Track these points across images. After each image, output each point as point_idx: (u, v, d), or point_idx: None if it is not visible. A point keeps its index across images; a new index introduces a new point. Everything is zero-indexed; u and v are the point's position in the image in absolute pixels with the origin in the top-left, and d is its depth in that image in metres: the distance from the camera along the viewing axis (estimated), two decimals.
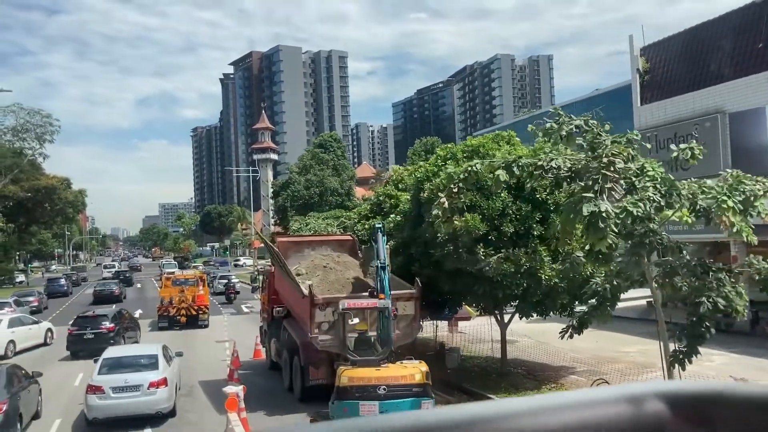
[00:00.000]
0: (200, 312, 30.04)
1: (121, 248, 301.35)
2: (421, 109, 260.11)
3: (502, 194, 13.25)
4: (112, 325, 22.39)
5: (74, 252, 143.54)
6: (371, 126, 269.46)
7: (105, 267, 79.79)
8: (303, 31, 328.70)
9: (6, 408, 12.50)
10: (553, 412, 0.77)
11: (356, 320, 12.13)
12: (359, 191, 74.33)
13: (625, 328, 20.66)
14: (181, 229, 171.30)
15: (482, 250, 13.36)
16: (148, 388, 13.82)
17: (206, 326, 29.96)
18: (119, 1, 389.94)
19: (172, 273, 37.13)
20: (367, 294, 13.45)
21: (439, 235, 13.44)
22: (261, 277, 21.16)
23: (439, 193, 10.83)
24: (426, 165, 16.14)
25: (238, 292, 47.51)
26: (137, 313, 32.83)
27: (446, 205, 10.57)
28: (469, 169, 10.53)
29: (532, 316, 14.82)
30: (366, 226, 18.61)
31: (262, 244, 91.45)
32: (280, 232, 51.46)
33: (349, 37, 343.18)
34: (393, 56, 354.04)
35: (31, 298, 38.19)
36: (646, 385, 0.85)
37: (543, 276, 13.25)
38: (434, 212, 10.83)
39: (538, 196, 13.66)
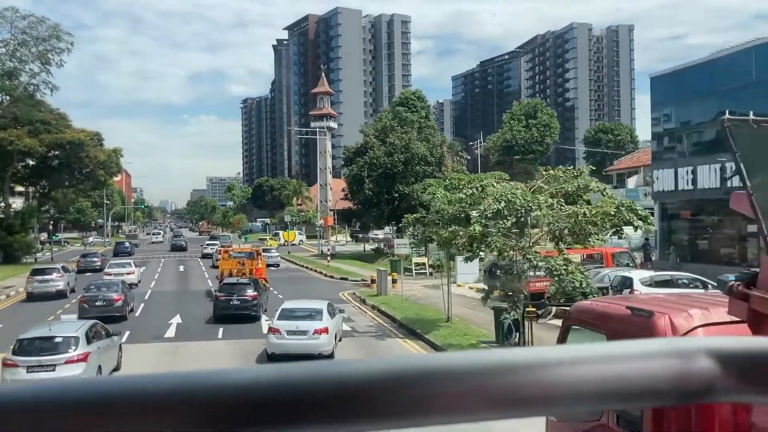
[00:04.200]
0: None
1: (168, 220, 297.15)
2: (484, 83, 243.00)
3: None
4: (255, 293, 23.76)
5: (116, 223, 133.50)
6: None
7: (153, 234, 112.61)
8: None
9: (124, 299, 24.43)
10: (596, 363, 0.71)
11: None
12: None
13: None
14: (230, 203, 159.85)
15: None
16: (313, 334, 17.18)
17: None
18: None
19: (229, 246, 40.27)
20: None
21: None
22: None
23: None
24: None
25: (277, 265, 47.80)
26: None
27: None
28: None
29: None
30: None
31: (333, 223, 78.08)
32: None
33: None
34: (442, 36, 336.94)
35: (95, 259, 46.89)
36: (696, 341, 0.79)
37: None
38: None
39: None
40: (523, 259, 15.07)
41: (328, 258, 48.39)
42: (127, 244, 65.48)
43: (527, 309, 15.12)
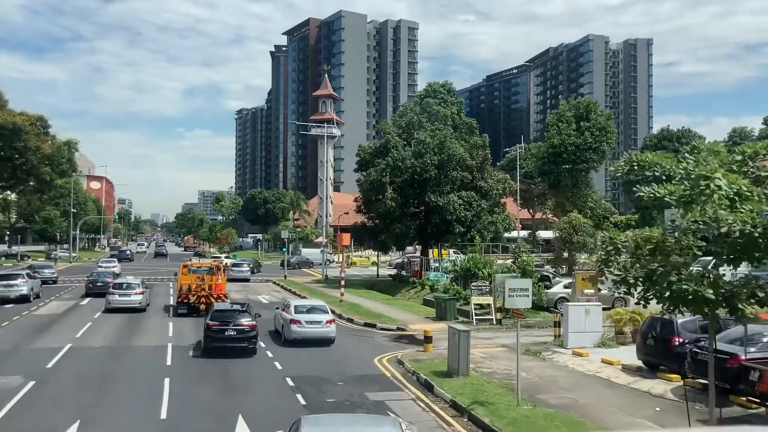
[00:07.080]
0: (219, 300, 28.39)
1: (158, 234, 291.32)
2: (490, 98, 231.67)
3: None
4: (253, 322, 20.92)
5: (91, 235, 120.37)
6: None
7: (138, 245, 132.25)
8: None
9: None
10: None
11: None
12: None
13: None
14: (220, 216, 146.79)
15: None
16: (325, 323, 22.45)
17: None
18: None
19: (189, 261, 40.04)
20: None
21: None
22: None
23: None
24: None
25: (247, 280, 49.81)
26: None
27: None
28: None
29: None
30: None
31: (350, 242, 64.45)
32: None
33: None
34: (437, 57, 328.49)
35: (47, 270, 48.09)
36: None
37: None
38: None
39: None
40: None
41: (342, 291, 35.47)
42: (128, 252, 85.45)
43: None
